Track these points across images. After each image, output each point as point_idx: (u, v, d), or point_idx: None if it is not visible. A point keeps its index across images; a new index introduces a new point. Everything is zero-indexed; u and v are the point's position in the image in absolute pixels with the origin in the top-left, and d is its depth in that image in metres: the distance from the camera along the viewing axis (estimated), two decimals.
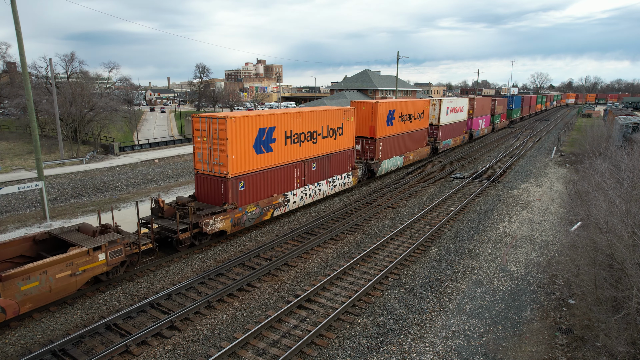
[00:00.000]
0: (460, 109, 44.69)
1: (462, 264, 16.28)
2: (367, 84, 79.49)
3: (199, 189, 18.80)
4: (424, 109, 35.40)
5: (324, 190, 23.63)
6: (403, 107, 31.53)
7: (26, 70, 21.17)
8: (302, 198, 21.82)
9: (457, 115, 43.90)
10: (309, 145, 21.80)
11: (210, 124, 17.48)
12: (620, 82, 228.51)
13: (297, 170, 21.22)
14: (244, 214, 18.23)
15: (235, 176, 17.72)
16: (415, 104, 33.65)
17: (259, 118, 18.42)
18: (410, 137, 33.62)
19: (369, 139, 28.81)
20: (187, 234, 16.22)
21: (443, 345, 11.27)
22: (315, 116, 22.03)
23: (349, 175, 25.81)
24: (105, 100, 54.59)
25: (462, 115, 45.46)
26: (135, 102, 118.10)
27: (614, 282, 10.73)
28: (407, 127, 32.71)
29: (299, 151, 21.21)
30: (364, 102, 28.79)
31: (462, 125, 46.49)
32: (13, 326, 11.76)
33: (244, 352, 10.71)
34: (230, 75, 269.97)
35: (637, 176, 15.23)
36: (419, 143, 35.79)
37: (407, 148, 33.48)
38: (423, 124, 35.81)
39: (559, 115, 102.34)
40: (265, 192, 19.59)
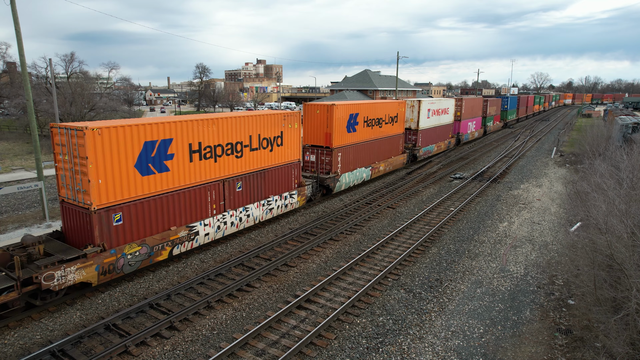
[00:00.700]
0: (445, 111, 40.21)
1: (462, 264, 16.28)
2: (367, 84, 79.50)
3: (66, 224, 14.34)
4: (397, 111, 30.63)
5: (254, 215, 18.95)
6: (369, 110, 27.10)
7: (26, 70, 21.17)
8: (219, 228, 17.24)
9: (442, 118, 39.54)
10: (230, 161, 17.31)
11: (69, 137, 13.19)
12: (621, 82, 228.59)
13: (212, 193, 16.69)
14: (120, 258, 13.59)
15: (106, 207, 13.21)
16: (386, 106, 29.22)
17: (143, 128, 13.95)
18: (380, 145, 28.94)
19: (325, 148, 24.29)
20: (13, 294, 11.35)
21: (442, 345, 11.26)
22: (238, 123, 17.47)
23: (292, 194, 21.19)
24: (105, 100, 54.65)
25: (447, 118, 40.98)
26: (135, 102, 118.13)
27: (613, 283, 10.72)
28: (376, 133, 28.14)
29: (215, 168, 16.69)
30: (318, 105, 24.26)
31: (448, 128, 41.85)
32: (12, 326, 11.75)
33: (243, 353, 10.70)
34: (230, 75, 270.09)
35: (636, 177, 15.23)
36: (392, 151, 30.92)
37: (376, 157, 28.82)
38: (397, 128, 31.08)
39: (559, 116, 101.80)
40: (158, 225, 14.90)
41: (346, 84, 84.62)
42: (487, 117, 56.87)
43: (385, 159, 30.16)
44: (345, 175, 25.56)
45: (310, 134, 24.80)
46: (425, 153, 37.19)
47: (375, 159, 28.95)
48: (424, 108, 35.21)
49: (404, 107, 31.72)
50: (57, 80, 51.72)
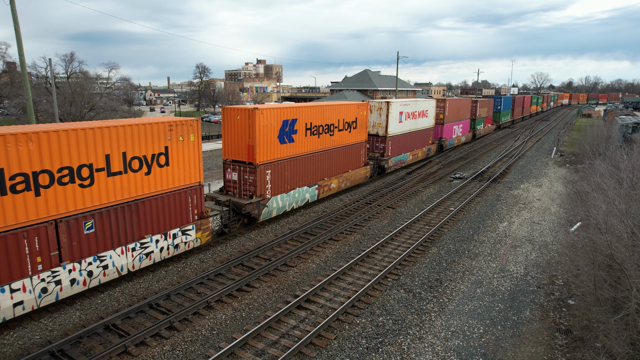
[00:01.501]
0: (423, 113, 35.28)
1: (462, 264, 16.26)
2: (367, 84, 79.49)
3: None
4: (357, 115, 25.23)
5: (118, 264, 13.66)
6: (314, 115, 21.63)
7: (25, 70, 21.16)
8: (46, 292, 11.84)
9: (419, 121, 34.56)
10: (70, 191, 12.10)
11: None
12: (621, 82, 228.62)
13: (36, 241, 11.53)
14: None
15: None
16: (339, 109, 23.65)
17: None
18: (331, 157, 23.47)
19: (247, 165, 18.75)
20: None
21: (442, 345, 11.25)
22: (84, 138, 12.32)
23: (187, 230, 15.75)
24: (105, 100, 54.63)
25: (426, 122, 36.01)
26: (135, 102, 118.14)
27: (613, 283, 10.71)
28: (325, 142, 22.79)
29: (39, 206, 11.50)
30: (238, 109, 18.75)
31: (427, 133, 36.88)
32: (11, 326, 11.73)
33: (242, 353, 10.69)
34: (230, 75, 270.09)
35: (636, 176, 15.22)
36: (350, 163, 25.54)
37: (326, 173, 23.40)
38: (357, 136, 25.66)
39: (558, 116, 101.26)
40: None
41: (346, 84, 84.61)
42: (476, 120, 51.38)
43: (340, 173, 24.59)
44: (277, 198, 19.90)
45: (231, 146, 19.30)
46: (396, 163, 31.84)
47: (324, 175, 23.30)
48: (395, 110, 29.93)
49: (366, 110, 26.24)
50: (57, 80, 51.69)
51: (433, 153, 39.40)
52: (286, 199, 20.64)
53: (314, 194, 22.64)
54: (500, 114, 64.97)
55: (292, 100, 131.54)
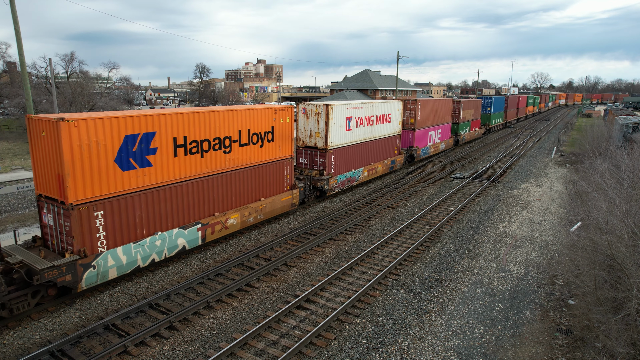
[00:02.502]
0: (385, 118, 28.92)
1: (462, 264, 16.25)
2: (367, 83, 79.46)
3: None
4: (274, 123, 18.97)
5: None
6: (191, 124, 15.32)
7: (25, 70, 21.15)
8: None
9: (378, 128, 28.14)
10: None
11: None
12: (621, 82, 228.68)
13: None
14: None
15: None
16: (239, 116, 17.23)
17: None
18: (226, 183, 17.12)
19: (60, 205, 12.59)
20: None
21: (442, 345, 11.23)
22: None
23: None
24: (105, 100, 54.63)
25: (388, 128, 29.52)
26: (136, 102, 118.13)
27: (613, 283, 10.70)
28: (214, 163, 16.45)
29: None
30: (44, 120, 12.51)
31: (391, 142, 30.42)
32: (11, 326, 11.72)
33: (242, 353, 10.68)
34: (230, 75, 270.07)
35: (637, 176, 15.20)
36: (264, 188, 19.17)
37: (219, 204, 16.94)
38: (274, 151, 19.33)
39: (558, 116, 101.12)
40: None
41: (346, 83, 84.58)
42: (460, 124, 45.54)
43: (246, 203, 18.30)
44: (118, 251, 13.50)
45: (41, 174, 13.19)
46: (343, 183, 25.20)
47: (216, 208, 16.80)
48: (338, 115, 23.92)
49: (289, 117, 19.77)
50: (57, 80, 51.70)
51: (400, 165, 32.81)
52: (136, 252, 14.00)
53: (194, 237, 15.90)
54: (491, 116, 58.98)
55: (292, 100, 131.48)
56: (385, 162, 29.94)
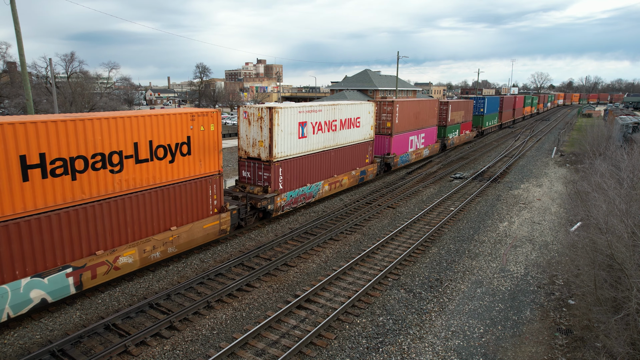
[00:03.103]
0: (353, 122, 25.03)
1: (462, 264, 16.26)
2: (367, 83, 79.48)
3: None
4: (189, 132, 15.14)
5: None
6: (51, 137, 11.54)
7: (25, 70, 21.17)
8: None
9: (343, 134, 24.24)
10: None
11: None
12: (621, 82, 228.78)
13: None
14: None
15: None
16: (134, 123, 13.48)
17: None
18: (116, 212, 13.28)
19: None
20: None
21: (442, 345, 11.25)
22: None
23: None
24: (105, 100, 54.61)
25: (357, 134, 25.73)
26: (136, 102, 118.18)
27: (613, 283, 10.71)
28: (101, 185, 12.81)
29: None
30: None
31: (360, 150, 26.45)
32: (12, 326, 11.74)
33: (243, 353, 10.69)
34: (230, 75, 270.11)
35: (637, 176, 15.22)
36: (177, 216, 15.26)
37: (102, 242, 13.04)
38: (189, 167, 15.40)
39: (557, 117, 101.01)
40: None
41: (346, 83, 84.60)
42: (447, 127, 41.68)
43: (147, 236, 14.32)
44: None
45: None
46: (296, 200, 21.26)
47: (101, 245, 13.02)
48: (288, 121, 19.87)
49: (214, 122, 15.95)
50: (57, 80, 51.72)
51: (372, 176, 28.69)
52: None
53: (60, 286, 12.14)
54: (484, 118, 54.88)
55: (292, 100, 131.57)
56: (353, 174, 25.95)
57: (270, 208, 19.63)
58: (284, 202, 20.46)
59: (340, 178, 24.81)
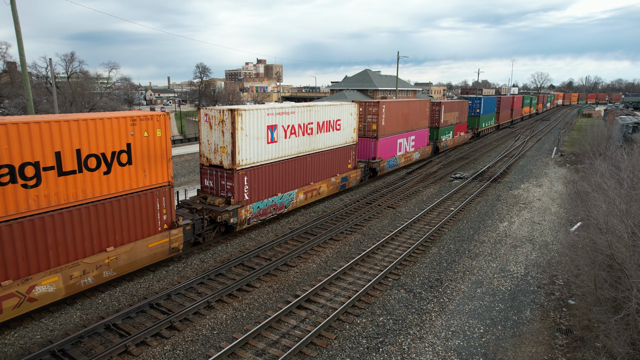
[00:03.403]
0: (333, 124, 22.99)
1: (462, 264, 16.27)
2: (367, 83, 79.50)
3: None
4: (129, 139, 13.23)
5: None
6: None
7: (26, 70, 21.18)
8: None
9: (320, 138, 22.14)
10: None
11: None
12: (621, 82, 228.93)
13: None
14: None
15: None
16: (55, 129, 11.34)
17: None
18: (33, 233, 11.23)
19: None
20: None
21: (443, 345, 11.26)
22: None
23: None
24: (105, 100, 54.64)
25: (338, 137, 23.63)
26: (136, 102, 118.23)
27: (613, 283, 10.72)
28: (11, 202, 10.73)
29: None
30: None
31: (341, 155, 24.39)
32: (12, 326, 11.75)
33: (243, 353, 10.70)
34: (230, 75, 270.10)
35: (637, 176, 15.22)
36: (115, 234, 13.28)
37: (13, 270, 10.98)
38: (129, 179, 13.44)
39: (557, 117, 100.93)
40: None
41: (346, 83, 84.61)
42: (440, 128, 40.04)
43: (76, 259, 12.36)
44: None
45: None
46: (265, 212, 19.15)
47: (10, 273, 11.05)
48: (254, 124, 17.84)
49: (161, 127, 14.13)
50: (57, 80, 51.73)
51: (356, 182, 26.43)
52: None
53: None
54: (480, 119, 52.57)
55: (292, 100, 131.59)
56: (332, 181, 23.78)
57: (234, 221, 17.47)
58: (249, 214, 18.29)
59: (318, 186, 22.60)
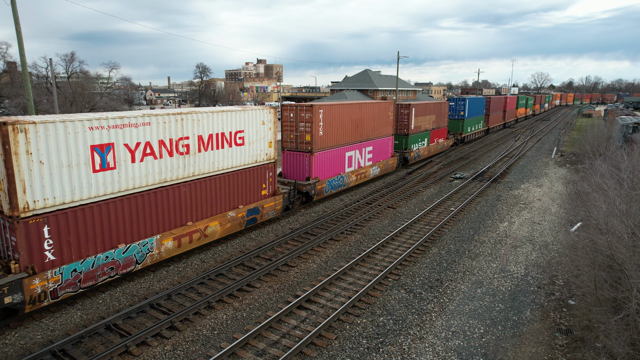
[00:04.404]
0: (231, 138, 17.13)
1: (462, 264, 16.28)
2: (368, 83, 79.52)
3: None
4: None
5: None
6: None
7: (26, 70, 21.19)
8: None
9: (207, 158, 16.19)
10: None
11: None
12: (621, 82, 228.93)
13: None
14: None
15: None
16: None
17: None
18: None
19: None
20: None
21: (443, 345, 11.27)
22: None
23: None
24: (105, 100, 54.65)
25: (241, 155, 17.71)
26: (136, 102, 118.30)
27: (613, 283, 10.73)
28: None
29: None
30: None
31: (249, 179, 18.34)
32: (13, 326, 11.76)
33: (243, 353, 10.71)
34: (230, 75, 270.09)
35: (637, 177, 15.23)
36: None
37: None
38: None
39: (556, 118, 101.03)
40: None
41: (346, 83, 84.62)
42: (411, 136, 33.60)
43: None
44: None
45: None
46: (90, 275, 12.69)
47: None
48: (62, 142, 11.85)
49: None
50: (57, 80, 51.74)
51: (275, 212, 19.99)
52: None
53: None
54: (464, 123, 46.06)
55: (292, 100, 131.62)
56: (232, 215, 17.43)
57: (18, 301, 11.21)
58: (53, 284, 11.89)
59: (204, 225, 16.19)
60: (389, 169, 31.07)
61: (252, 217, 18.81)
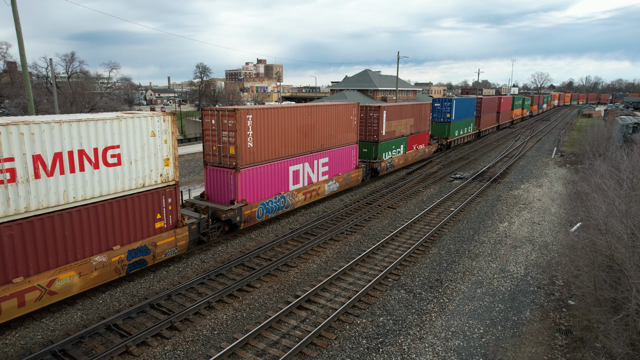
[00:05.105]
0: (96, 156, 12.47)
1: (462, 264, 16.29)
2: (368, 83, 79.55)
3: None
4: None
5: None
6: None
7: (26, 70, 21.21)
8: None
9: (48, 186, 11.39)
10: None
11: None
12: (621, 82, 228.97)
13: None
14: None
15: None
16: None
17: None
18: None
19: None
20: None
21: (443, 345, 11.28)
22: None
23: None
24: (105, 100, 54.68)
25: (115, 179, 13.07)
26: (136, 102, 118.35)
27: (613, 283, 10.74)
28: None
29: None
30: None
31: (132, 209, 13.66)
32: (13, 326, 11.77)
33: (243, 353, 10.72)
34: (230, 75, 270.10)
35: (636, 177, 15.23)
36: None
37: None
38: None
39: (555, 119, 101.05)
40: None
41: (346, 83, 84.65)
42: (381, 143, 29.15)
43: None
44: None
45: None
46: None
47: None
48: None
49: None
50: (57, 80, 51.75)
51: (174, 250, 15.38)
52: None
53: None
54: (451, 127, 41.51)
55: (292, 100, 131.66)
56: (98, 260, 12.93)
57: None
58: None
59: (47, 279, 11.70)
60: (351, 183, 26.08)
61: (137, 259, 14.12)
